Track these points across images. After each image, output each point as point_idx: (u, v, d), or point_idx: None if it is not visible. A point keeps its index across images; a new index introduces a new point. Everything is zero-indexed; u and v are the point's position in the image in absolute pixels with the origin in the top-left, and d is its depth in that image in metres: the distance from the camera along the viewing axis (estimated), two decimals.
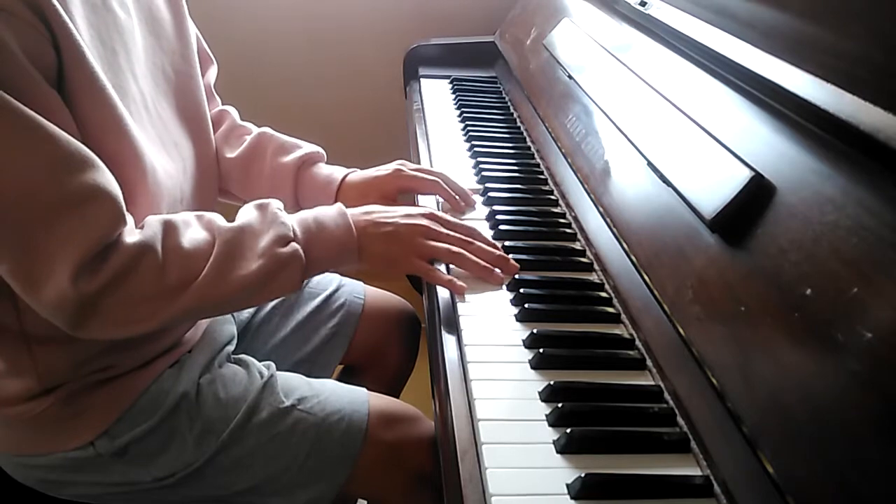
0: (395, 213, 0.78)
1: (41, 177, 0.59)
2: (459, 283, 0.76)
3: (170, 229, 0.68)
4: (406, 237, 0.77)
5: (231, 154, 0.96)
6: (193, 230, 0.70)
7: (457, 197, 0.93)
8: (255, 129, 0.99)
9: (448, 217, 0.81)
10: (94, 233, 0.61)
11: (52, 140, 0.59)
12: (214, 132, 0.98)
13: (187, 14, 0.88)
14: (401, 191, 0.93)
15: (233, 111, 1.01)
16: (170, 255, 0.66)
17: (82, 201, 0.61)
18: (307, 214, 0.76)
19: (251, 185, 0.97)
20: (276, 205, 0.75)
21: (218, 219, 0.73)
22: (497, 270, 0.77)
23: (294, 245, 0.71)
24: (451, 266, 0.79)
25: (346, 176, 0.94)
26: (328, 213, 0.76)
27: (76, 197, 0.60)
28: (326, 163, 0.98)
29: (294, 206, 0.96)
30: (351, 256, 0.76)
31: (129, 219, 0.66)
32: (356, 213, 0.78)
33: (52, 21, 0.60)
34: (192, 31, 0.90)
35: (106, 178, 0.63)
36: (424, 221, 0.78)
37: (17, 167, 0.58)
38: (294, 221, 0.74)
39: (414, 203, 0.97)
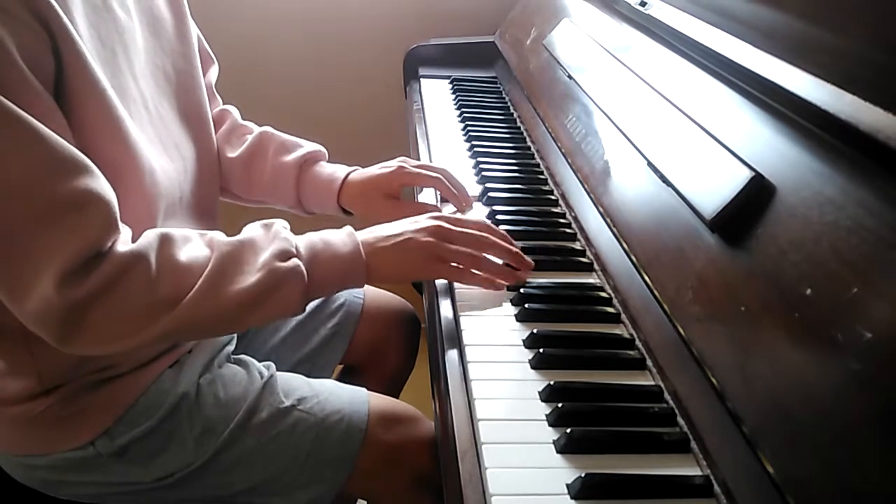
0: (401, 224, 0.77)
1: (33, 180, 0.58)
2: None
3: (166, 242, 0.66)
4: (421, 241, 0.75)
5: (232, 153, 0.96)
6: (193, 245, 0.68)
7: (456, 195, 0.93)
8: (257, 129, 0.99)
9: (455, 216, 0.81)
10: (84, 239, 0.60)
11: (46, 143, 0.58)
12: (215, 132, 0.98)
13: (188, 14, 0.88)
14: (403, 186, 0.93)
15: (234, 111, 1.02)
16: (164, 267, 0.64)
17: (74, 207, 0.60)
18: (314, 235, 0.74)
19: (253, 185, 0.96)
20: (281, 223, 0.73)
21: (220, 236, 0.71)
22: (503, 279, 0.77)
23: (295, 261, 0.69)
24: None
25: (348, 174, 0.94)
26: (336, 233, 0.75)
27: (68, 202, 0.59)
28: (327, 162, 0.98)
29: (296, 205, 0.96)
30: (358, 276, 0.74)
31: (126, 229, 0.65)
32: (362, 233, 0.76)
33: (52, 23, 0.59)
34: (194, 31, 0.90)
35: (100, 184, 0.62)
36: (433, 223, 0.77)
37: (8, 169, 0.58)
38: (299, 239, 0.72)
39: (415, 198, 0.97)
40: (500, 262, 0.77)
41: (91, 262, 0.61)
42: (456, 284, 0.77)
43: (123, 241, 0.64)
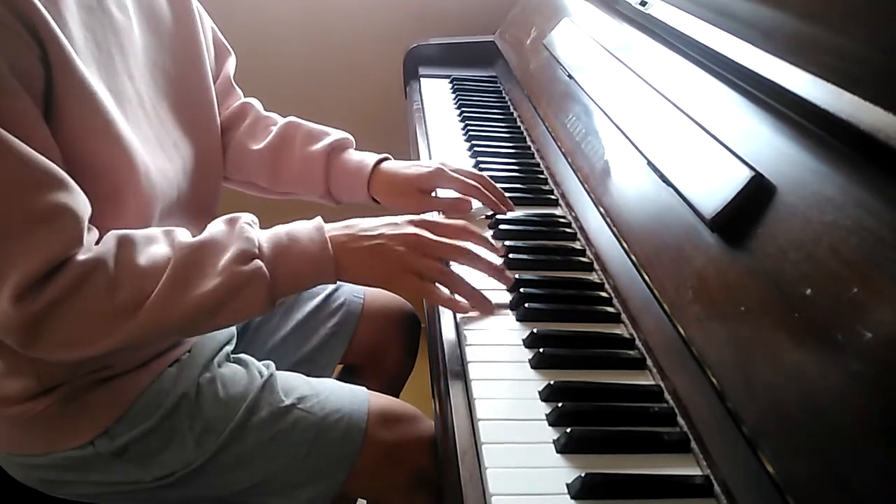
0: (378, 224, 0.74)
1: (1, 194, 0.58)
2: (462, 302, 0.72)
3: (126, 245, 0.65)
4: (392, 250, 0.71)
5: (257, 146, 0.95)
6: (156, 247, 0.66)
7: (496, 201, 0.91)
8: (282, 119, 0.98)
9: (437, 220, 0.77)
10: (47, 254, 0.59)
11: (16, 157, 0.57)
12: (238, 126, 0.97)
13: (195, 10, 0.87)
14: (440, 188, 0.92)
15: (256, 103, 1.01)
16: (122, 271, 0.63)
17: (42, 221, 0.59)
18: (280, 229, 0.71)
19: (281, 176, 0.96)
20: (246, 218, 0.71)
21: (183, 235, 0.69)
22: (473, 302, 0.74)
23: (257, 262, 0.66)
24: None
25: (378, 162, 0.93)
26: (304, 227, 0.72)
27: (37, 217, 0.59)
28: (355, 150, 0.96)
29: (325, 194, 0.95)
30: (327, 274, 0.71)
31: (90, 236, 0.64)
32: (336, 226, 0.74)
33: (41, 30, 0.59)
34: (207, 23, 0.90)
35: (73, 198, 0.61)
36: (411, 229, 0.73)
37: None
38: (263, 237, 0.69)
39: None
40: (476, 289, 0.73)
41: (50, 273, 0.60)
42: None
43: (85, 249, 0.63)
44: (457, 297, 0.73)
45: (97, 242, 0.65)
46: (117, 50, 0.71)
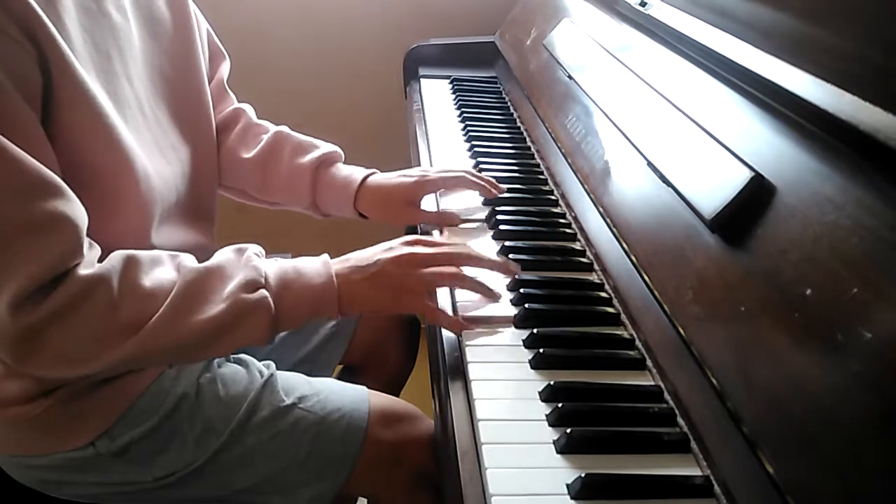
0: (375, 252, 0.74)
1: None
2: (465, 324, 0.71)
3: (131, 264, 0.64)
4: (393, 273, 0.72)
5: (247, 154, 0.95)
6: (161, 269, 0.66)
7: (486, 185, 0.93)
8: (272, 128, 0.98)
9: (432, 238, 0.77)
10: (44, 263, 0.59)
11: (14, 164, 0.57)
12: (229, 131, 0.97)
13: (193, 13, 0.87)
14: (427, 194, 0.93)
15: (248, 109, 1.01)
16: (126, 291, 0.63)
17: (39, 229, 0.58)
18: (287, 262, 0.72)
19: (268, 187, 0.96)
20: (254, 249, 0.71)
21: (189, 261, 0.69)
22: (496, 288, 0.75)
23: (263, 292, 0.67)
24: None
25: (366, 177, 0.93)
26: (310, 262, 0.73)
27: (33, 224, 0.58)
28: (343, 164, 0.97)
29: (312, 207, 0.96)
30: (331, 307, 0.71)
31: (94, 251, 0.64)
32: (337, 262, 0.74)
33: (40, 35, 0.59)
34: (203, 26, 0.90)
35: (70, 206, 0.60)
36: (407, 249, 0.74)
37: None
38: (270, 268, 0.70)
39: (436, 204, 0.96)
40: (483, 282, 0.74)
41: (50, 284, 0.60)
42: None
43: (87, 264, 0.62)
44: (460, 318, 0.72)
45: (101, 259, 0.64)
46: (116, 52, 0.71)
